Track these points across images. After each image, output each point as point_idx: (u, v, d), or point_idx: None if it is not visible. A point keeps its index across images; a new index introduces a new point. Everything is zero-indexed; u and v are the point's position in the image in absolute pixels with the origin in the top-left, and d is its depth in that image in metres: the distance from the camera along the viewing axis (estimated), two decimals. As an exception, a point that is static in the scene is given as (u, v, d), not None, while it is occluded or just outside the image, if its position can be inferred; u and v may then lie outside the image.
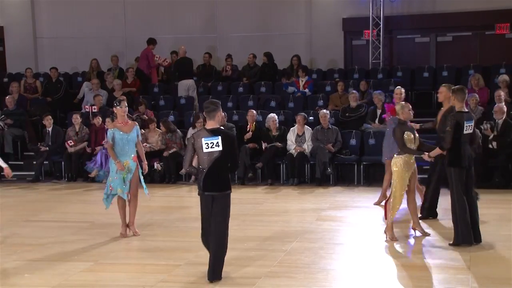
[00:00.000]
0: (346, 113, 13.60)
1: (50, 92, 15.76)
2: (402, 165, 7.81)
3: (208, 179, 6.23)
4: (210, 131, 6.26)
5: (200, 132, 6.33)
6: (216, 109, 6.34)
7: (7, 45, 18.27)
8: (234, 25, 17.41)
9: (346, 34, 17.13)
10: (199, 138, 6.25)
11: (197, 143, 6.25)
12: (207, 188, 6.25)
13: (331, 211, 10.00)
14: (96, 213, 9.88)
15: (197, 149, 6.26)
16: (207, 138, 6.21)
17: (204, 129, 6.34)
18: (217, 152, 6.22)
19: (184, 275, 6.68)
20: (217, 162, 6.23)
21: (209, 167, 6.22)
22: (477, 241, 7.55)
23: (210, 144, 6.20)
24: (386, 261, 7.11)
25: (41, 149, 13.74)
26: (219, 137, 6.23)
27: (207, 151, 6.21)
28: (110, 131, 8.28)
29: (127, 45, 17.43)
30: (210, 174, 6.22)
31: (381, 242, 7.89)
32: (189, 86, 15.45)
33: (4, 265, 7.07)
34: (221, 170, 6.28)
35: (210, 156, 6.22)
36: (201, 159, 6.26)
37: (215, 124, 6.33)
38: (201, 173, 6.26)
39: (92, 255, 7.46)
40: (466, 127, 7.49)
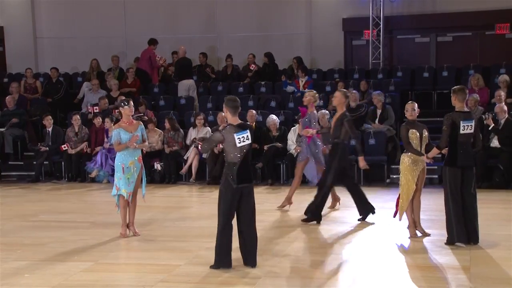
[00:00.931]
0: (346, 113, 13.56)
1: (50, 92, 15.76)
2: (410, 163, 7.82)
3: (240, 172, 6.48)
4: (238, 126, 6.51)
5: (228, 129, 6.51)
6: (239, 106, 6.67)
7: (7, 45, 18.28)
8: (234, 25, 17.42)
9: (346, 34, 17.14)
10: (230, 134, 6.46)
11: (228, 139, 6.45)
12: (241, 181, 6.48)
13: (331, 211, 9.99)
14: (96, 213, 9.89)
15: (229, 146, 6.47)
16: (239, 133, 6.46)
17: (231, 125, 6.52)
18: (247, 145, 6.52)
19: (184, 275, 6.67)
20: (247, 154, 6.55)
21: (241, 161, 6.49)
22: (474, 242, 7.53)
23: (242, 138, 6.47)
24: (386, 261, 7.10)
25: (41, 149, 13.75)
26: (248, 130, 6.54)
27: (240, 146, 6.46)
28: (115, 130, 8.26)
29: (127, 45, 17.43)
30: (242, 167, 6.50)
31: (381, 242, 7.89)
32: (189, 86, 15.46)
33: (4, 265, 7.06)
34: (249, 162, 6.61)
35: (241, 150, 6.49)
36: (232, 154, 6.49)
37: (238, 120, 6.58)
38: (233, 167, 6.46)
39: (92, 255, 7.45)
40: (464, 127, 7.48)
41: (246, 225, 6.60)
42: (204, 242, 8.03)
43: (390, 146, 13.00)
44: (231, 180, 6.49)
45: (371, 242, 7.95)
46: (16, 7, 18.12)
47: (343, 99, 8.93)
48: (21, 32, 18.03)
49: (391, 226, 8.62)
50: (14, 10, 18.12)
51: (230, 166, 6.52)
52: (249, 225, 6.60)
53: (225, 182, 6.55)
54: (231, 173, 6.49)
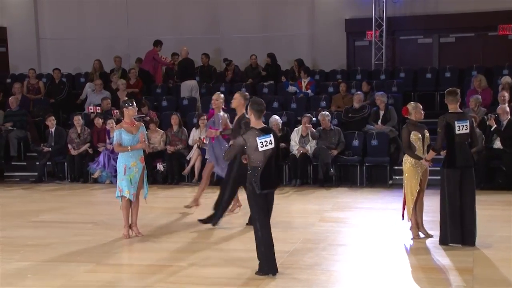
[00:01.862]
0: (349, 114, 13.59)
1: (53, 93, 15.78)
2: (413, 164, 7.82)
3: (264, 177, 6.34)
4: (261, 130, 6.37)
5: (250, 133, 6.38)
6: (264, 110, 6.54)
7: (10, 46, 18.30)
8: (236, 26, 17.42)
9: (348, 35, 17.13)
10: (252, 138, 6.33)
11: (251, 143, 6.32)
12: (265, 187, 6.36)
13: (334, 212, 10.00)
14: (98, 214, 9.90)
15: (251, 149, 6.32)
16: (261, 137, 6.32)
17: (254, 128, 6.39)
18: (270, 150, 6.36)
19: (186, 276, 6.68)
20: (271, 159, 6.39)
21: (265, 165, 6.34)
22: (470, 244, 7.51)
23: (265, 142, 6.31)
24: (389, 262, 7.10)
25: (44, 150, 13.75)
26: (271, 134, 6.38)
27: (262, 150, 6.31)
28: (117, 131, 8.26)
29: (129, 46, 17.43)
30: (265, 172, 6.35)
31: (383, 244, 7.89)
32: (191, 87, 15.47)
33: (7, 266, 7.08)
34: (273, 167, 6.45)
35: (264, 154, 6.34)
36: (255, 158, 6.36)
37: (261, 123, 6.46)
38: (256, 173, 6.33)
39: (95, 256, 7.45)
40: (459, 127, 7.49)
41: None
42: (207, 243, 8.05)
43: (393, 147, 12.99)
44: (255, 186, 6.35)
45: (374, 243, 7.94)
46: (19, 8, 18.14)
47: (242, 100, 8.87)
48: (24, 33, 18.05)
49: (394, 228, 8.62)
50: (17, 11, 18.15)
51: (253, 171, 6.38)
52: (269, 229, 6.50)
53: (249, 188, 6.42)
54: (255, 179, 6.35)
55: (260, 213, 6.40)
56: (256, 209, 6.41)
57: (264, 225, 6.39)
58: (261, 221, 6.39)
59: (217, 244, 8.04)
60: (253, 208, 6.44)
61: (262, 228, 6.39)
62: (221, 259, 7.28)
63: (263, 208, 6.41)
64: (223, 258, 7.32)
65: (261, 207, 6.40)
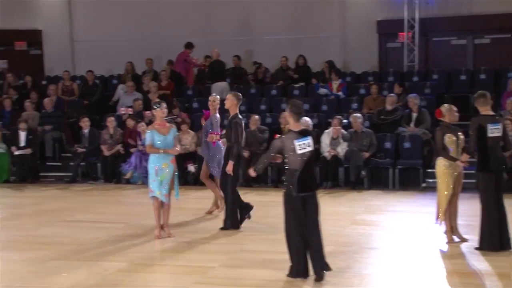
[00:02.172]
0: (381, 116, 13.49)
1: (86, 94, 15.99)
2: (446, 167, 7.72)
3: (302, 180, 6.24)
4: (299, 133, 6.29)
5: (288, 135, 6.31)
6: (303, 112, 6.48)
7: (45, 48, 18.61)
8: (267, 28, 17.42)
9: (380, 36, 17.01)
10: (289, 140, 6.24)
11: (288, 146, 6.25)
12: (302, 189, 6.25)
13: (366, 215, 9.92)
14: (130, 214, 9.99)
15: (288, 152, 6.25)
16: (299, 140, 6.23)
17: (292, 131, 6.32)
18: (309, 153, 6.27)
19: (218, 277, 6.69)
20: (309, 162, 6.30)
21: (303, 168, 6.24)
22: (506, 248, 7.40)
23: (303, 145, 6.23)
24: (422, 266, 7.01)
25: (78, 150, 13.94)
26: (310, 137, 6.31)
27: (300, 153, 6.22)
28: (149, 132, 8.34)
29: (161, 48, 17.54)
30: (303, 175, 6.25)
31: (417, 247, 7.80)
32: (222, 89, 15.51)
33: (43, 264, 7.19)
34: (312, 169, 6.39)
35: (302, 157, 6.25)
36: (292, 161, 6.26)
37: (300, 126, 6.38)
38: (293, 175, 6.24)
39: (127, 256, 7.52)
40: (491, 130, 7.38)
41: (310, 235, 6.30)
42: (238, 245, 8.06)
43: (426, 150, 12.83)
44: (292, 189, 6.26)
45: (407, 246, 7.85)
46: (54, 11, 18.43)
47: (235, 101, 8.89)
48: (58, 36, 18.34)
49: (428, 231, 8.51)
50: (52, 14, 18.44)
51: (290, 173, 6.28)
52: (313, 233, 6.31)
53: (286, 190, 6.33)
54: (292, 181, 6.26)
55: (292, 216, 6.31)
56: (289, 211, 6.34)
57: (295, 228, 6.31)
58: (292, 224, 6.31)
59: (246, 245, 8.04)
60: (286, 210, 6.37)
61: (293, 232, 6.32)
62: (251, 260, 7.28)
63: (296, 211, 6.28)
64: (253, 259, 7.32)
65: (294, 210, 6.28)
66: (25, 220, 9.83)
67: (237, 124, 8.74)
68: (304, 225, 6.30)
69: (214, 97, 9.70)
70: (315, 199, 6.39)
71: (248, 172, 6.82)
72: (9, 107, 15.23)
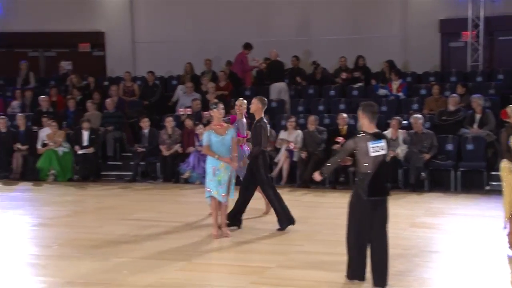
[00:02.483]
0: (442, 117, 13.19)
1: (146, 95, 16.26)
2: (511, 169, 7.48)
3: (373, 184, 6.05)
4: (373, 135, 6.11)
5: (362, 137, 6.10)
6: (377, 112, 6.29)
7: (107, 50, 19.03)
8: (326, 28, 17.29)
9: (443, 35, 16.62)
10: (363, 142, 6.05)
11: (361, 147, 6.05)
12: (373, 193, 6.06)
13: (426, 218, 9.71)
14: (189, 214, 10.07)
15: (361, 154, 6.07)
16: (373, 142, 6.04)
17: (366, 133, 6.11)
18: (382, 156, 6.08)
19: (275, 277, 6.67)
20: (381, 166, 6.11)
21: (375, 172, 6.06)
22: None
23: (376, 147, 6.04)
24: (485, 271, 6.80)
25: (138, 150, 14.18)
26: (384, 140, 6.12)
27: (374, 155, 6.04)
28: (206, 133, 8.40)
29: (220, 49, 17.67)
30: (375, 179, 6.06)
31: (480, 251, 7.57)
32: (280, 89, 15.50)
33: (104, 262, 7.33)
34: (384, 174, 6.18)
35: (375, 160, 6.05)
36: (364, 164, 6.08)
37: (374, 128, 6.18)
38: (365, 179, 6.07)
39: (186, 255, 7.59)
40: None
41: (375, 240, 6.12)
42: (295, 245, 8.02)
43: (490, 152, 12.46)
44: (361, 192, 6.08)
45: (470, 250, 7.64)
46: (116, 14, 18.84)
47: (260, 105, 8.80)
48: (120, 37, 18.73)
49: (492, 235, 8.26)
50: (114, 17, 18.85)
51: (361, 176, 6.10)
52: (379, 240, 6.12)
53: (355, 193, 6.15)
54: (362, 184, 6.06)
55: (358, 219, 6.11)
56: (356, 214, 6.13)
57: (358, 231, 6.13)
58: (356, 227, 6.13)
59: (303, 246, 7.99)
60: (351, 212, 6.17)
61: (355, 234, 6.16)
62: (308, 261, 7.25)
63: (363, 215, 6.07)
64: (309, 260, 7.29)
65: (361, 214, 6.08)
66: (87, 218, 10.08)
67: (261, 127, 8.73)
68: (369, 230, 6.10)
69: (241, 101, 9.70)
70: (386, 204, 6.16)
71: (313, 176, 6.60)
72: (73, 107, 15.64)
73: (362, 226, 6.12)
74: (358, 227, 6.14)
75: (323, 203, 11.24)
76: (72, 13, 18.56)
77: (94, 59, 19.30)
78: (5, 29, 18.87)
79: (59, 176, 14.05)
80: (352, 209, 6.20)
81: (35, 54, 19.75)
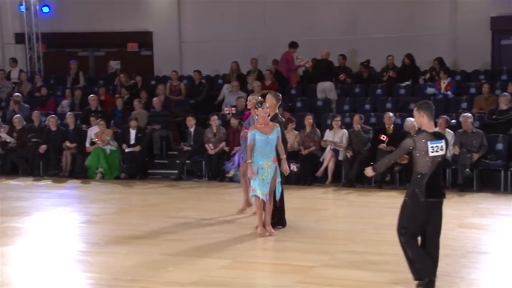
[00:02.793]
0: (493, 116, 12.89)
1: (192, 94, 16.39)
2: None
3: (431, 185, 5.84)
4: (433, 134, 5.91)
5: (421, 136, 5.88)
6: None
7: (155, 49, 19.27)
8: (374, 27, 17.09)
9: (494, 33, 16.23)
10: (422, 141, 5.84)
11: (420, 147, 5.82)
12: (431, 195, 5.84)
13: (475, 218, 9.51)
14: (233, 212, 10.10)
15: (419, 153, 5.84)
16: (433, 142, 5.83)
17: (426, 132, 5.91)
18: (440, 156, 5.87)
19: (319, 277, 6.65)
20: (439, 167, 5.90)
21: (432, 172, 5.84)
22: None
23: (436, 147, 5.83)
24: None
25: (183, 149, 14.31)
26: (443, 140, 5.91)
27: (432, 155, 5.83)
28: (251, 132, 8.42)
29: (266, 48, 17.67)
30: (433, 179, 5.85)
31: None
32: (325, 88, 15.39)
33: (150, 259, 7.44)
34: (441, 174, 5.99)
35: (433, 161, 5.84)
36: (422, 163, 5.85)
37: (433, 127, 6.00)
38: (422, 179, 5.84)
39: (230, 253, 7.62)
40: None
41: (429, 243, 5.95)
42: (340, 245, 7.97)
43: (542, 151, 12.13)
44: (419, 193, 5.83)
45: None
46: (164, 14, 19.06)
47: (274, 101, 8.74)
48: (168, 37, 18.93)
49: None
50: (162, 17, 19.07)
51: (418, 177, 5.86)
52: (433, 242, 5.95)
53: (411, 194, 5.89)
54: (419, 185, 5.83)
55: (413, 222, 5.87)
56: (411, 217, 5.91)
57: (413, 233, 5.90)
58: (410, 230, 5.89)
59: (348, 246, 7.93)
60: (406, 215, 5.93)
61: (410, 239, 5.90)
62: (353, 261, 7.20)
63: (419, 218, 5.85)
64: (354, 260, 7.24)
65: (416, 216, 5.85)
66: (133, 215, 10.23)
67: (280, 124, 8.68)
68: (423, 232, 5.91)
69: (253, 97, 9.70)
70: (441, 206, 5.95)
71: (365, 171, 6.38)
72: (121, 106, 15.89)
73: (418, 228, 5.91)
74: (414, 229, 5.90)
75: (368, 202, 11.13)
76: (120, 13, 18.90)
77: (142, 58, 19.58)
78: (55, 29, 19.34)
79: (106, 174, 14.30)
80: (406, 210, 5.95)
81: (85, 54, 20.18)
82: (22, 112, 16.05)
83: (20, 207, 10.83)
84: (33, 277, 6.86)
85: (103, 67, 19.04)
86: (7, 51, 19.99)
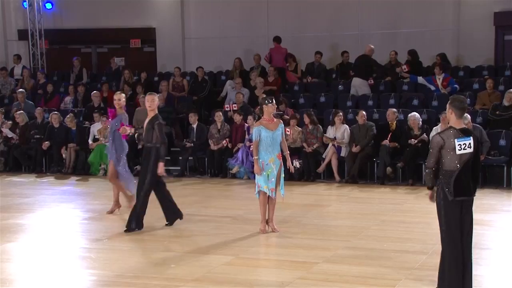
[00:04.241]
0: (496, 111, 12.86)
1: (195, 90, 16.38)
2: None
3: (459, 183, 5.70)
4: (461, 131, 5.73)
5: (448, 132, 5.73)
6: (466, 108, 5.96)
7: (158, 46, 19.25)
8: (376, 22, 17.05)
9: (497, 29, 16.16)
10: (449, 139, 5.69)
11: (448, 144, 5.68)
12: (459, 193, 5.71)
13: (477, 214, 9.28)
14: (236, 209, 10.13)
15: (447, 150, 5.70)
16: (460, 139, 5.68)
17: (453, 128, 5.74)
18: (468, 154, 5.70)
19: (322, 273, 6.65)
20: (467, 164, 5.72)
21: (460, 170, 5.69)
22: None
23: (463, 145, 5.68)
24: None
25: (186, 145, 14.32)
26: (471, 137, 5.74)
27: (460, 153, 5.68)
28: (256, 128, 8.42)
29: (269, 44, 17.63)
30: (460, 178, 5.70)
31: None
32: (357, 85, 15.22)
33: (153, 255, 7.46)
34: (469, 173, 5.78)
35: (461, 158, 5.69)
36: (449, 161, 5.70)
37: (462, 124, 5.82)
38: (450, 177, 5.70)
39: (233, 249, 7.63)
40: None
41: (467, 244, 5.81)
42: (342, 241, 7.97)
43: (547, 147, 12.09)
44: (447, 192, 5.71)
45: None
46: (167, 10, 19.03)
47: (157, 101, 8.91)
48: (171, 33, 18.91)
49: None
50: (165, 13, 19.05)
51: (446, 175, 5.71)
52: (470, 244, 5.83)
53: (441, 194, 5.76)
54: (447, 184, 5.70)
55: (447, 224, 5.73)
56: (444, 219, 5.75)
57: (451, 238, 5.72)
58: (446, 233, 5.78)
59: (350, 242, 7.93)
60: (440, 217, 5.81)
61: (448, 242, 5.74)
62: (355, 257, 7.21)
63: (452, 218, 5.71)
64: (355, 256, 7.25)
65: (450, 217, 5.72)
66: (137, 211, 10.21)
67: (160, 125, 8.75)
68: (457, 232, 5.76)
69: (120, 95, 9.83)
70: (471, 204, 5.82)
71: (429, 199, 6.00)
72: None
73: (453, 230, 5.75)
74: (449, 231, 5.76)
75: (371, 198, 11.12)
76: (123, 10, 18.88)
77: (145, 55, 19.57)
78: (58, 26, 19.35)
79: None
80: (441, 212, 5.80)
81: (88, 51, 20.17)
82: (27, 109, 16.06)
83: (23, 204, 10.85)
84: (36, 274, 6.88)
85: (106, 63, 19.03)
86: (10, 48, 20.01)
